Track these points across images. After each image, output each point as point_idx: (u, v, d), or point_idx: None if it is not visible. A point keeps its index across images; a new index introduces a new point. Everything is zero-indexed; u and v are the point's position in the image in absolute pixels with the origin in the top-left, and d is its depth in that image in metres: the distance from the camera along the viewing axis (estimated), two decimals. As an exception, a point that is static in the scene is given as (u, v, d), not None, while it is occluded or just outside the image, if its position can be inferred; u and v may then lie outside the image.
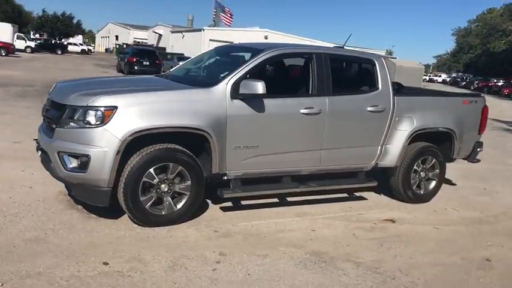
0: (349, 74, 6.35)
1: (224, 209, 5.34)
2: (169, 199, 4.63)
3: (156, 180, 4.52)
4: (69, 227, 4.42)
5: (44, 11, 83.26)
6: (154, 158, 4.46)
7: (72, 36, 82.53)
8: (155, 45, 60.16)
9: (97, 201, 4.46)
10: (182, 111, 4.55)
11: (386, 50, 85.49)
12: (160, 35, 68.82)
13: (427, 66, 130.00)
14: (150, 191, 4.55)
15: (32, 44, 49.68)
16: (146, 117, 4.37)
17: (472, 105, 6.57)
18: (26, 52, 46.61)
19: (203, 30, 54.04)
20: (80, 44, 69.19)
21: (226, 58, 6.06)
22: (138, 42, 67.63)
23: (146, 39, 74.40)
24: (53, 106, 4.73)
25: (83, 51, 63.17)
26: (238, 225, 4.87)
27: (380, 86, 5.75)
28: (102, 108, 4.27)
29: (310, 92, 5.35)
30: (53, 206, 4.91)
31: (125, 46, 50.62)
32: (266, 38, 56.69)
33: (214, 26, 61.90)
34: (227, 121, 4.75)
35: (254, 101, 4.87)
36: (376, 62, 5.81)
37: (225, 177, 5.00)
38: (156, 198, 4.58)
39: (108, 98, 4.33)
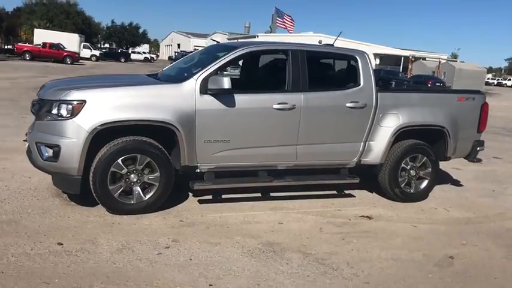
0: (329, 70, 6.36)
1: (202, 201, 5.53)
2: (138, 189, 4.90)
3: (124, 171, 4.80)
4: (45, 212, 4.79)
5: (112, 21, 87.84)
6: (121, 149, 4.74)
7: (139, 45, 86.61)
8: (212, 52, 61.40)
9: (69, 188, 4.81)
10: (149, 106, 4.81)
11: (451, 54, 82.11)
12: (217, 42, 70.37)
13: (497, 70, 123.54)
14: (119, 181, 4.82)
15: (97, 52, 52.57)
16: (112, 110, 4.66)
17: (469, 102, 6.35)
18: (91, 60, 49.41)
19: (257, 36, 54.68)
20: (143, 52, 72.33)
21: (208, 56, 6.28)
22: (197, 49, 69.53)
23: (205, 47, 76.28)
24: (38, 102, 5.16)
25: (145, 59, 65.93)
26: (207, 216, 5.05)
27: (362, 82, 5.72)
28: (72, 102, 4.61)
29: (286, 88, 5.42)
30: (41, 194, 5.31)
31: (182, 54, 52.32)
32: (320, 43, 56.33)
33: (270, 33, 62.55)
34: (196, 115, 4.95)
35: (224, 96, 5.04)
36: (358, 59, 5.79)
37: (198, 170, 5.19)
38: (125, 187, 4.85)
39: (78, 93, 4.67)
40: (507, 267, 4.38)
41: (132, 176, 4.86)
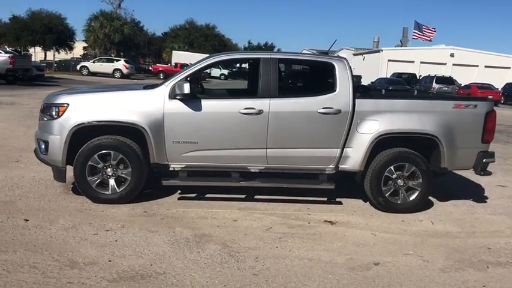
0: (303, 77, 6.43)
1: (182, 198, 6.06)
2: (113, 182, 5.61)
3: (100, 165, 5.56)
4: (41, 197, 5.75)
5: (249, 42, 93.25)
6: (97, 146, 5.51)
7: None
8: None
9: (58, 178, 5.70)
10: (122, 109, 5.51)
11: None
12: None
13: None
14: (97, 174, 5.59)
15: (226, 72, 56.12)
16: (89, 112, 5.47)
17: (469, 110, 5.93)
18: (220, 79, 52.92)
19: (381, 51, 53.48)
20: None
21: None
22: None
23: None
24: (42, 106, 6.19)
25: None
26: (172, 210, 5.56)
27: (337, 88, 5.76)
28: (58, 105, 5.52)
29: (257, 94, 5.73)
30: (51, 183, 6.30)
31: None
32: (452, 55, 53.22)
33: (401, 46, 60.67)
34: (164, 118, 5.53)
35: (191, 101, 5.56)
36: (335, 65, 5.84)
37: (171, 168, 5.75)
38: (102, 179, 5.60)
39: (64, 97, 5.58)
40: (434, 277, 4.13)
41: (109, 170, 5.58)
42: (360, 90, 5.91)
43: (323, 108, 5.67)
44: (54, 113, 5.54)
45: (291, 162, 5.82)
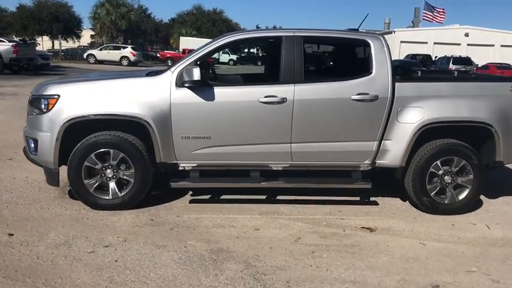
0: (333, 58, 5.55)
1: (194, 201, 5.27)
2: (114, 185, 4.81)
3: (98, 166, 4.76)
4: (32, 203, 4.99)
5: (257, 26, 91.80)
6: (94, 144, 4.70)
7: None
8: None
9: (50, 181, 4.92)
10: (121, 100, 4.70)
11: None
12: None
13: None
14: (95, 176, 4.79)
15: (235, 57, 55.02)
16: (83, 105, 4.66)
17: (529, 92, 5.02)
18: (229, 64, 51.90)
19: (393, 32, 51.98)
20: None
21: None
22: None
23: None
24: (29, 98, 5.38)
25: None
26: (182, 217, 4.77)
27: (374, 70, 4.88)
28: (48, 97, 4.71)
29: (278, 80, 4.88)
30: (49, 186, 5.51)
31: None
32: (467, 35, 51.61)
33: (413, 27, 59.02)
34: (171, 110, 4.71)
35: (202, 90, 4.73)
36: (371, 43, 4.95)
37: (181, 168, 4.94)
38: (101, 182, 4.81)
39: (53, 88, 4.76)
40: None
41: (108, 171, 4.79)
42: (400, 72, 5.01)
43: (357, 95, 4.81)
44: (43, 106, 4.74)
45: (320, 158, 4.98)
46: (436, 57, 42.13)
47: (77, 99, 4.69)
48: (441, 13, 54.80)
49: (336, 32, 5.11)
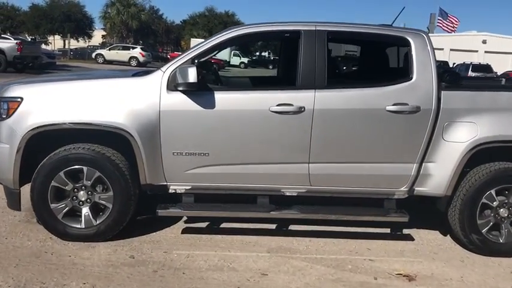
0: (363, 58, 4.56)
1: (187, 230, 4.30)
2: (87, 210, 3.87)
3: (69, 187, 3.82)
4: (-11, 230, 4.04)
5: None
6: (63, 160, 3.77)
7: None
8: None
9: (11, 204, 3.99)
10: (99, 105, 3.77)
11: None
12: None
13: None
14: (64, 199, 3.86)
15: (245, 60, 54.29)
16: (51, 110, 3.74)
17: None
18: (240, 67, 51.10)
19: (409, 38, 50.61)
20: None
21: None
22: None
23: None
24: None
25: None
26: (171, 254, 3.81)
27: (414, 75, 3.90)
28: (8, 100, 3.80)
29: (295, 84, 3.91)
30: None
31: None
32: (484, 42, 50.26)
33: (428, 33, 57.62)
34: (160, 119, 3.77)
35: (200, 95, 3.79)
36: (411, 41, 3.97)
37: (172, 191, 3.99)
38: (71, 207, 3.87)
39: (16, 89, 3.86)
40: None
41: (81, 193, 3.85)
42: (447, 78, 4.01)
43: (393, 105, 3.82)
44: (1, 112, 3.81)
45: (345, 183, 4.00)
46: (454, 64, 40.87)
47: (43, 104, 3.76)
48: (454, 22, 53.44)
49: (367, 27, 4.11)
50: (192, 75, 3.58)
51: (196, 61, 3.85)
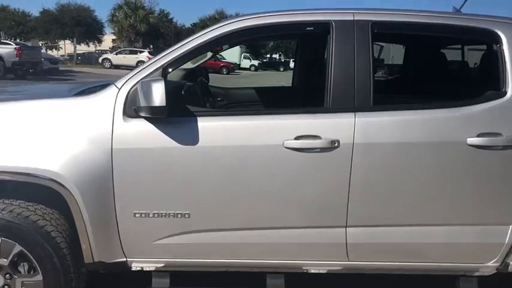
0: (428, 63, 3.11)
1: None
2: (5, 303, 2.51)
3: (-25, 266, 2.46)
4: None
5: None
6: (-35, 227, 2.41)
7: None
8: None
9: None
10: (19, 142, 2.41)
11: None
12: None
13: None
14: (-31, 284, 2.51)
15: (256, 62, 53.18)
16: None
17: None
18: (250, 70, 49.86)
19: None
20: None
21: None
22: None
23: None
24: None
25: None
26: None
27: (510, 88, 2.47)
28: None
29: (323, 104, 2.52)
30: None
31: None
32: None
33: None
34: (113, 162, 2.40)
35: (176, 123, 2.40)
36: (502, 37, 2.54)
37: (134, 269, 2.61)
38: (-20, 297, 2.52)
39: None
40: None
41: (-4, 276, 2.49)
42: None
43: (479, 136, 2.41)
44: None
45: (401, 255, 2.59)
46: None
47: None
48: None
49: (429, 15, 2.67)
50: (158, 94, 2.21)
51: (170, 70, 2.47)
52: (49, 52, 42.42)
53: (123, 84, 2.47)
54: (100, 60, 38.63)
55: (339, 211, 2.48)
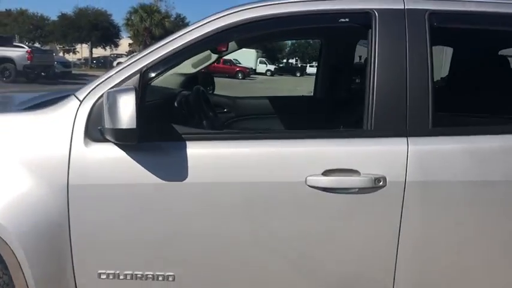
0: (505, 69, 2.37)
1: None
2: None
3: None
4: None
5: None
6: None
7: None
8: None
9: None
10: None
11: None
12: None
13: None
14: None
15: (272, 67, 52.76)
16: None
17: None
18: (266, 75, 49.31)
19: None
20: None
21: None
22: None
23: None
24: None
25: (322, 73, 64.54)
26: None
27: None
28: None
29: (362, 125, 1.80)
30: None
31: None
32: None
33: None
34: (69, 204, 1.72)
35: (155, 150, 1.71)
36: None
37: None
38: None
39: None
40: None
41: None
42: None
43: None
44: None
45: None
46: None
47: None
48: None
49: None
50: (126, 111, 1.53)
51: (153, 75, 1.79)
52: (66, 56, 42.43)
53: (86, 96, 1.80)
54: (114, 64, 38.52)
55: (382, 280, 1.77)
